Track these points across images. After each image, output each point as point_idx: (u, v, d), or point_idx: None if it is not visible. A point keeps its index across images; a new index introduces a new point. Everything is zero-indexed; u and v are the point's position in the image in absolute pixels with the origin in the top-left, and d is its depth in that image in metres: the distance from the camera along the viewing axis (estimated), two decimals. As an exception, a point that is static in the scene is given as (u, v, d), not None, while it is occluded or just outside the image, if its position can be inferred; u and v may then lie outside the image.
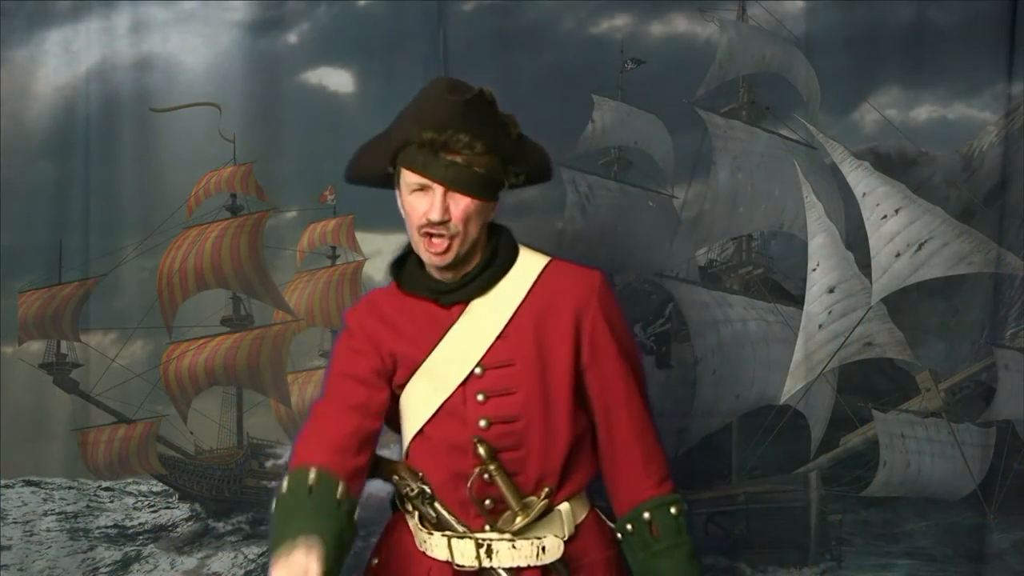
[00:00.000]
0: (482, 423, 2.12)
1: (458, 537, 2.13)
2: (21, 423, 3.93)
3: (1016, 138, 3.71)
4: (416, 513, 2.19)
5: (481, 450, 2.09)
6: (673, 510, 2.22)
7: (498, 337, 2.14)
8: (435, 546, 2.15)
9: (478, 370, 2.13)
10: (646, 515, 2.20)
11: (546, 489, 2.14)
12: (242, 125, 3.94)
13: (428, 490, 2.15)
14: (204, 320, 4.08)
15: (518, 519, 2.11)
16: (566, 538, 2.17)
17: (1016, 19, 3.66)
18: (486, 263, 2.16)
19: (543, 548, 2.14)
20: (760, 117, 3.95)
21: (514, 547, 2.12)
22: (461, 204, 2.07)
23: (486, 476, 2.10)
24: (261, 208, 4.06)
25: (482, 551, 2.12)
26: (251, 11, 3.94)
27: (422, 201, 2.08)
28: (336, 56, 3.98)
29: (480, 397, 2.13)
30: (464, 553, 2.13)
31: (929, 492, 3.81)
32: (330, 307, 4.11)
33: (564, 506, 2.18)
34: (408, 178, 2.08)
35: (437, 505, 2.15)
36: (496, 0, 3.87)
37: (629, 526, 2.22)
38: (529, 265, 2.19)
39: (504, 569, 2.13)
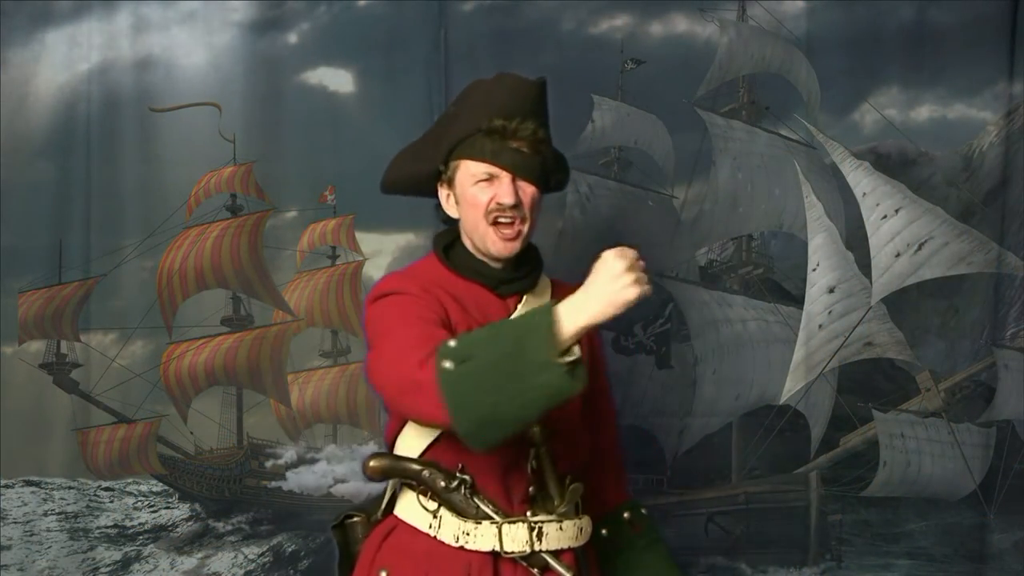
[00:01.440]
0: None
1: (509, 523, 2.11)
2: (21, 423, 3.93)
3: (1016, 138, 3.72)
4: (440, 507, 2.15)
5: (536, 430, 2.09)
6: (643, 510, 2.35)
7: None
8: (480, 536, 2.11)
9: None
10: (626, 515, 2.31)
11: (569, 476, 2.16)
12: (242, 125, 3.94)
13: (470, 480, 2.12)
14: (204, 320, 4.08)
15: (556, 502, 2.12)
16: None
17: (1016, 19, 3.66)
18: (536, 260, 2.21)
19: (581, 529, 2.17)
20: (760, 117, 3.95)
21: (561, 529, 2.13)
22: (528, 191, 2.11)
23: (534, 461, 2.10)
24: (261, 208, 4.06)
25: (533, 534, 2.11)
26: (251, 11, 3.95)
27: (487, 191, 2.10)
28: (336, 56, 3.98)
29: None
30: (516, 539, 2.11)
31: (929, 492, 3.81)
32: (330, 307, 4.12)
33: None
34: (472, 168, 2.10)
35: (476, 497, 2.12)
36: (496, 0, 3.87)
37: (604, 530, 2.28)
38: (543, 278, 2.25)
39: (549, 552, 2.12)
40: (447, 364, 1.84)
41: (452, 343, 1.87)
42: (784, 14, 3.85)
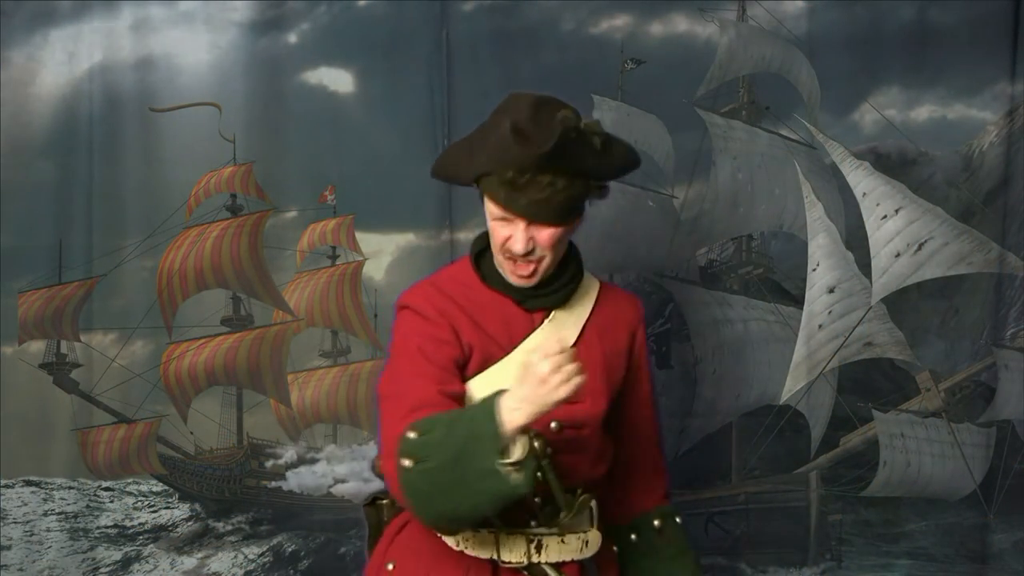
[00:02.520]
0: (553, 425, 2.09)
1: (507, 533, 2.11)
2: (21, 423, 3.93)
3: (1016, 138, 3.72)
4: None
5: (537, 444, 2.08)
6: (678, 519, 2.30)
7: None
8: (479, 543, 2.12)
9: None
10: (656, 522, 2.27)
11: (582, 487, 2.15)
12: (242, 125, 3.94)
13: None
14: (204, 320, 4.08)
15: (563, 514, 2.10)
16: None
17: (1017, 19, 3.66)
18: (572, 276, 2.18)
19: (587, 542, 2.16)
20: (760, 117, 3.95)
21: (563, 542, 2.13)
22: (546, 232, 2.05)
23: (539, 473, 2.09)
24: (261, 208, 4.06)
25: (532, 546, 2.11)
26: (251, 11, 3.95)
27: (504, 229, 2.05)
28: (336, 56, 3.98)
29: None
30: (513, 549, 2.11)
31: (929, 492, 3.81)
32: (330, 307, 4.12)
33: (592, 503, 2.19)
34: (489, 204, 2.05)
35: None
36: (496, 0, 3.87)
37: (633, 535, 2.27)
38: (589, 284, 2.23)
39: (549, 565, 2.12)
40: (406, 463, 1.90)
41: (412, 435, 1.92)
42: (784, 14, 3.85)
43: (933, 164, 3.84)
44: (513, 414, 1.86)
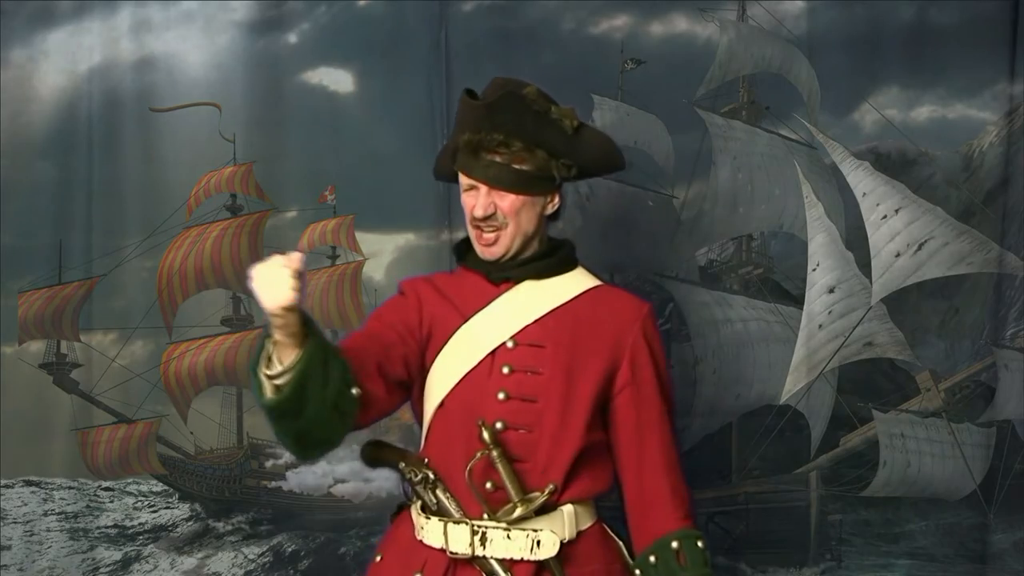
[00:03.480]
0: (500, 395, 2.14)
1: (454, 523, 2.12)
2: (21, 423, 3.93)
3: (1016, 138, 3.72)
4: (419, 501, 2.20)
5: (485, 434, 2.09)
6: (700, 544, 2.23)
7: (537, 320, 2.19)
8: (431, 532, 2.14)
9: (510, 343, 2.17)
10: (674, 544, 2.20)
11: (551, 485, 2.13)
12: (242, 125, 3.94)
13: (432, 476, 2.16)
14: (204, 320, 4.08)
15: (518, 510, 2.10)
16: (566, 539, 2.15)
17: (1017, 19, 3.66)
18: (542, 254, 2.23)
19: (538, 542, 2.12)
20: (760, 117, 3.95)
21: (508, 537, 2.11)
22: (507, 199, 2.15)
23: (493, 463, 2.10)
24: (261, 208, 4.06)
25: (476, 538, 2.10)
26: (251, 11, 3.95)
27: (471, 199, 2.17)
28: (336, 56, 3.98)
29: (505, 369, 2.16)
30: (458, 539, 2.12)
31: (929, 492, 3.81)
32: (330, 307, 4.12)
33: (567, 507, 2.17)
34: (460, 177, 2.19)
35: (439, 491, 2.15)
36: (496, 0, 3.88)
37: (652, 558, 2.21)
38: (581, 278, 2.27)
39: (496, 560, 2.11)
40: None
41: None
42: (784, 14, 3.85)
43: (933, 164, 3.84)
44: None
